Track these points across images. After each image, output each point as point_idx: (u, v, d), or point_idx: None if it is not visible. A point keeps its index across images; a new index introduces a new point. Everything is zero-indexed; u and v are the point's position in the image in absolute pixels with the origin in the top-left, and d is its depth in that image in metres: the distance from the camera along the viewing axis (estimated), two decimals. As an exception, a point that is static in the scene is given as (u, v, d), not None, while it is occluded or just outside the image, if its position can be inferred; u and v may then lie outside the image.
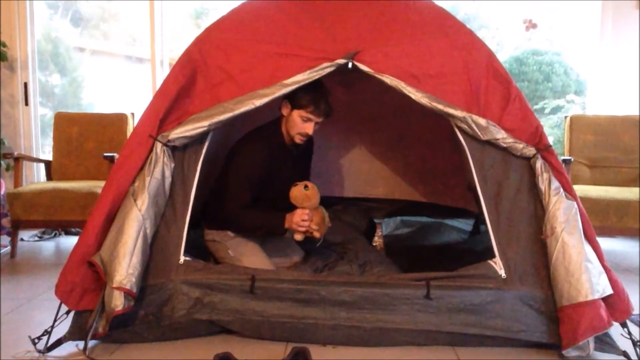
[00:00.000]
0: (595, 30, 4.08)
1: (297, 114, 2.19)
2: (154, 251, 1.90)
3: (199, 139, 1.99)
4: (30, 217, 3.22)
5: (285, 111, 2.23)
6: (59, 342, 1.82)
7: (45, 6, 4.76)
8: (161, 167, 1.91)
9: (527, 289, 1.85)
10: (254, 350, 1.83)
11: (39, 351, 1.81)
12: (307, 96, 2.15)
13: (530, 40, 4.92)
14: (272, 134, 2.29)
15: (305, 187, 2.17)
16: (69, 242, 3.82)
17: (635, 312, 1.99)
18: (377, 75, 1.95)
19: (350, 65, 1.97)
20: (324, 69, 1.95)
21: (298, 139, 2.25)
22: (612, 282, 1.81)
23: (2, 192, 3.74)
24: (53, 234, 3.97)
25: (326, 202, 2.39)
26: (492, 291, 1.84)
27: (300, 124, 2.20)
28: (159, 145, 1.91)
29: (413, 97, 1.93)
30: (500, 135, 1.91)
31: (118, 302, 1.74)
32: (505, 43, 5.03)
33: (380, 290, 1.86)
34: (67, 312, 1.89)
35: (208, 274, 1.90)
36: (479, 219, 3.06)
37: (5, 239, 3.52)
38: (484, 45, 2.03)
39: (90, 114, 4.06)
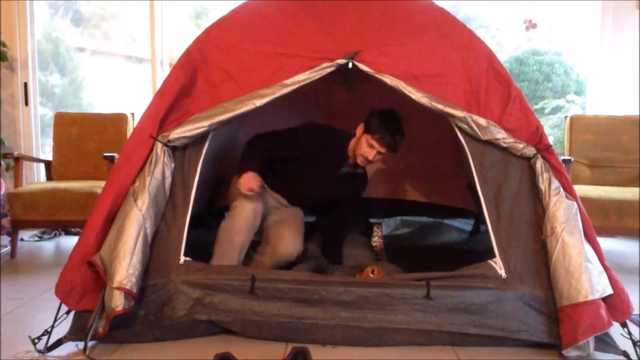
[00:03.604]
0: (595, 30, 4.08)
1: (365, 138, 2.29)
2: (154, 251, 1.90)
3: (199, 139, 1.99)
4: (30, 217, 3.22)
5: (358, 132, 2.34)
6: (59, 342, 1.82)
7: (46, 6, 4.76)
8: (161, 167, 1.91)
9: (527, 289, 1.85)
10: (254, 350, 1.83)
11: (39, 351, 1.81)
12: (380, 124, 2.27)
13: (530, 40, 4.93)
14: (343, 140, 2.40)
15: (372, 271, 2.19)
16: (69, 242, 3.82)
17: (635, 312, 1.99)
18: (377, 76, 1.95)
19: (350, 65, 1.97)
20: (324, 69, 1.95)
21: (360, 160, 2.34)
22: (612, 282, 1.81)
23: (2, 192, 3.74)
24: (53, 234, 3.97)
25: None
26: (492, 291, 1.84)
27: (365, 148, 2.29)
28: (159, 146, 1.91)
29: (413, 97, 1.94)
30: (501, 135, 1.91)
31: (118, 302, 1.74)
32: (505, 43, 5.04)
33: (380, 290, 1.86)
34: (67, 312, 1.89)
35: (208, 274, 1.90)
36: (479, 219, 3.06)
37: (5, 239, 3.52)
38: (484, 45, 2.03)
39: (90, 114, 4.07)
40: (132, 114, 3.91)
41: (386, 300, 1.84)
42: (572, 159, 3.39)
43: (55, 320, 1.86)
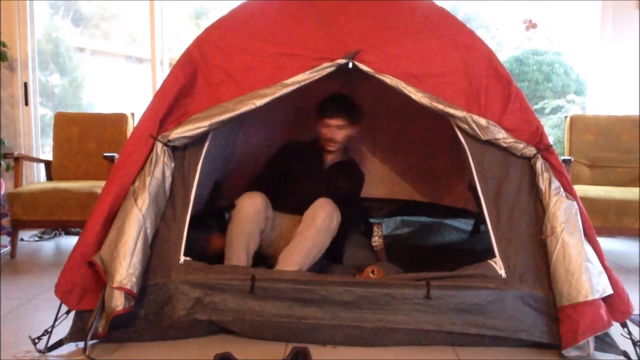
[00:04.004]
0: (595, 30, 4.09)
1: (320, 125, 2.48)
2: (154, 251, 1.90)
3: (200, 139, 1.99)
4: (30, 217, 3.22)
5: (316, 127, 2.52)
6: (59, 342, 1.82)
7: (46, 6, 4.77)
8: (161, 167, 1.91)
9: (527, 289, 1.85)
10: (254, 350, 1.83)
11: (39, 351, 1.81)
12: (323, 103, 2.45)
13: (530, 40, 4.93)
14: (312, 142, 2.62)
15: (372, 272, 2.19)
16: (69, 242, 3.82)
17: (635, 312, 1.99)
18: (377, 75, 1.95)
19: (350, 65, 1.97)
20: (325, 68, 1.94)
21: (329, 146, 2.51)
22: (612, 282, 1.80)
23: (2, 192, 3.74)
24: (53, 234, 3.97)
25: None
26: (492, 291, 1.84)
27: (324, 131, 2.47)
28: (159, 145, 1.91)
29: (413, 97, 1.93)
30: (501, 135, 1.91)
31: (118, 302, 1.74)
32: (505, 43, 5.04)
33: (380, 290, 1.85)
34: (67, 312, 1.89)
35: (208, 274, 1.90)
36: (479, 219, 3.06)
37: (5, 239, 3.52)
38: (484, 45, 2.03)
39: (90, 114, 4.07)
40: (132, 114, 3.91)
41: (386, 300, 1.84)
42: (572, 159, 3.40)
43: (55, 320, 1.86)
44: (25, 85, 4.20)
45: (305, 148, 2.63)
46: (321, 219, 2.20)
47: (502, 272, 1.86)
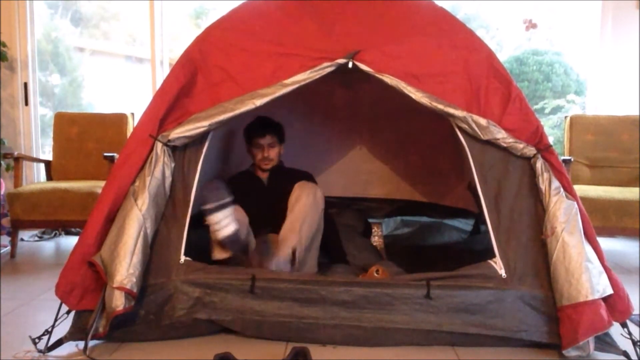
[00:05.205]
0: (595, 30, 4.08)
1: (251, 149, 2.57)
2: (155, 251, 1.90)
3: (199, 138, 1.99)
4: (30, 217, 3.22)
5: (248, 152, 2.61)
6: (59, 342, 1.82)
7: (45, 6, 4.76)
8: (161, 167, 1.91)
9: (527, 289, 1.85)
10: (254, 350, 1.83)
11: (40, 351, 1.81)
12: (248, 128, 2.55)
13: (530, 40, 4.92)
14: (246, 170, 2.69)
15: (377, 271, 2.18)
16: (69, 242, 3.82)
17: (635, 312, 1.99)
18: (377, 75, 1.95)
19: (350, 65, 1.97)
20: (324, 68, 1.95)
21: (263, 165, 2.57)
22: (612, 282, 1.80)
23: (2, 192, 3.74)
24: (53, 234, 3.97)
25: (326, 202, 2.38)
26: (492, 291, 1.84)
27: (255, 152, 2.56)
28: (159, 145, 1.91)
29: (413, 97, 1.93)
30: (501, 135, 1.91)
31: (119, 302, 1.74)
32: (505, 43, 5.04)
33: (381, 290, 1.86)
34: (68, 312, 1.89)
35: (208, 274, 1.90)
36: (479, 219, 3.06)
37: (5, 239, 3.52)
38: (485, 45, 2.03)
39: (90, 114, 4.07)
40: (132, 114, 3.91)
41: (386, 300, 1.84)
42: (572, 159, 3.39)
43: (55, 320, 1.86)
44: (25, 85, 4.19)
45: (241, 177, 2.65)
46: (305, 195, 2.24)
47: (502, 272, 1.86)
